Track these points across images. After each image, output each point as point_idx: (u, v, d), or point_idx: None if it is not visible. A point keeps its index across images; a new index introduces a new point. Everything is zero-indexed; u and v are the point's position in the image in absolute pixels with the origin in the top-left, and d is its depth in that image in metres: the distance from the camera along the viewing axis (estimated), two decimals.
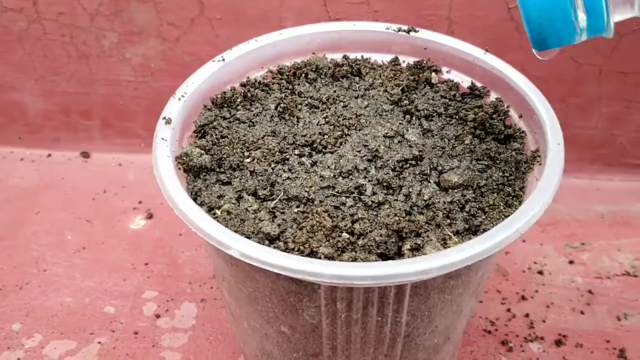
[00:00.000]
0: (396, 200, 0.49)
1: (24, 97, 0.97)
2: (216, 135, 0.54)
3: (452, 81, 0.61)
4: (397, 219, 0.46)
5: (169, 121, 0.52)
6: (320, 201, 0.48)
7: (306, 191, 0.49)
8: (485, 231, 0.45)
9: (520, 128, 0.56)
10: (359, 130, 0.55)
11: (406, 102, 0.58)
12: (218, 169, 0.51)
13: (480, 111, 0.56)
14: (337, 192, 0.49)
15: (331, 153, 0.52)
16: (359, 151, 0.52)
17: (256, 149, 0.52)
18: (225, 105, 0.57)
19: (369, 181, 0.50)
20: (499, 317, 0.74)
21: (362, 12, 0.82)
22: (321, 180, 0.50)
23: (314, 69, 0.61)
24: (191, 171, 0.50)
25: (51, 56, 0.91)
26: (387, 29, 0.63)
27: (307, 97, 0.59)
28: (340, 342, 0.49)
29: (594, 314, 0.75)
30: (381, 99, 0.59)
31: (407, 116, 0.57)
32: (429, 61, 0.61)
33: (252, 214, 0.47)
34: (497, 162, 0.53)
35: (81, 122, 0.98)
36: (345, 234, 0.45)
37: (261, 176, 0.50)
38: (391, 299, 0.45)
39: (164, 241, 0.85)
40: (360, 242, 0.45)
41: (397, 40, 0.63)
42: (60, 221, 0.88)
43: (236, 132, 0.54)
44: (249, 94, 0.58)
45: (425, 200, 0.49)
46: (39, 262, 0.82)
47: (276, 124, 0.56)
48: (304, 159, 0.52)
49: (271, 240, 0.45)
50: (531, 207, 0.44)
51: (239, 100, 0.57)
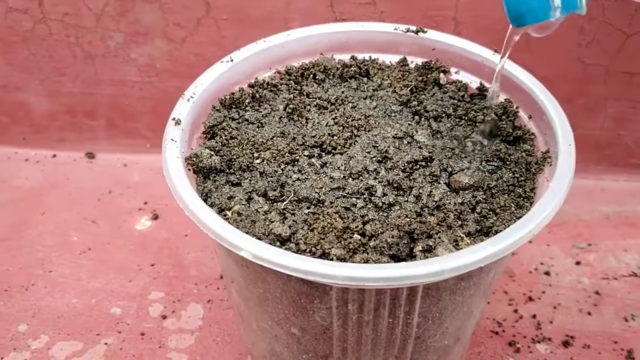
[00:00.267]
0: (407, 201, 0.48)
1: (29, 98, 0.97)
2: (225, 136, 0.53)
3: (460, 82, 0.61)
4: (408, 220, 0.46)
5: (178, 122, 0.52)
6: (331, 202, 0.48)
7: (316, 192, 0.49)
8: (497, 232, 0.45)
9: (530, 129, 0.56)
10: (368, 131, 0.55)
11: (415, 103, 0.58)
12: (228, 170, 0.51)
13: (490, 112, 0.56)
14: (348, 193, 0.49)
15: (341, 154, 0.52)
16: (368, 152, 0.52)
17: (265, 150, 0.52)
18: (234, 106, 0.57)
19: (379, 182, 0.50)
20: (506, 318, 0.74)
21: (369, 12, 0.82)
22: (331, 182, 0.50)
23: (322, 70, 0.61)
24: (201, 172, 0.50)
25: (56, 56, 0.91)
26: (395, 29, 0.62)
27: (315, 98, 0.59)
28: (350, 344, 0.49)
29: (601, 314, 0.75)
30: (390, 99, 0.58)
31: (416, 117, 0.57)
32: (438, 62, 0.61)
33: (263, 215, 0.47)
34: (507, 163, 0.53)
35: (86, 122, 0.98)
36: (356, 236, 0.45)
37: (271, 177, 0.50)
38: (403, 300, 0.45)
39: (170, 242, 0.85)
40: (372, 243, 0.45)
41: (405, 40, 0.62)
42: (65, 222, 0.88)
43: (245, 133, 0.54)
44: (258, 95, 0.58)
45: (435, 202, 0.49)
46: (45, 263, 0.82)
47: (285, 125, 0.55)
48: (313, 160, 0.52)
49: (282, 241, 0.45)
50: (543, 209, 0.44)
51: (247, 101, 0.57)
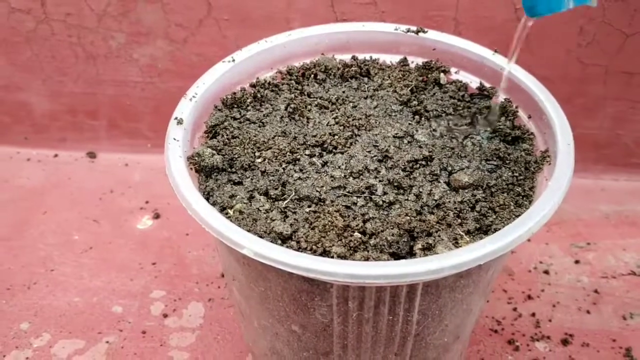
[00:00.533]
0: (407, 200, 0.49)
1: (30, 98, 0.97)
2: (227, 135, 0.54)
3: (460, 82, 0.61)
4: (408, 218, 0.46)
5: (180, 121, 0.52)
6: (332, 201, 0.48)
7: (317, 191, 0.49)
8: (496, 231, 0.45)
9: (529, 129, 0.56)
10: (369, 130, 0.55)
11: (415, 102, 0.58)
12: (229, 169, 0.51)
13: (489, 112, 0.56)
14: (348, 192, 0.49)
15: (341, 153, 0.53)
16: (369, 151, 0.53)
17: (267, 149, 0.53)
18: (236, 106, 0.58)
19: (380, 181, 0.50)
20: (505, 316, 0.75)
21: (369, 12, 0.83)
22: (332, 180, 0.50)
23: (323, 70, 0.61)
24: (203, 171, 0.51)
25: (59, 57, 0.92)
26: (396, 29, 0.63)
27: (316, 98, 0.59)
28: (351, 341, 0.50)
29: (600, 313, 0.75)
30: (390, 99, 0.59)
31: (417, 117, 0.57)
32: (438, 62, 0.62)
33: (264, 213, 0.48)
34: (507, 162, 0.53)
35: (88, 122, 0.99)
36: (357, 234, 0.45)
37: (272, 176, 0.51)
38: (403, 298, 0.45)
39: (171, 241, 0.85)
40: (372, 241, 0.45)
41: (405, 40, 0.63)
42: (67, 221, 0.89)
43: (247, 132, 0.54)
44: (259, 95, 0.58)
45: (435, 200, 0.49)
46: (47, 262, 0.82)
47: (286, 125, 0.56)
48: (314, 159, 0.52)
49: (283, 239, 0.45)
50: (542, 207, 0.44)
51: (249, 100, 0.58)
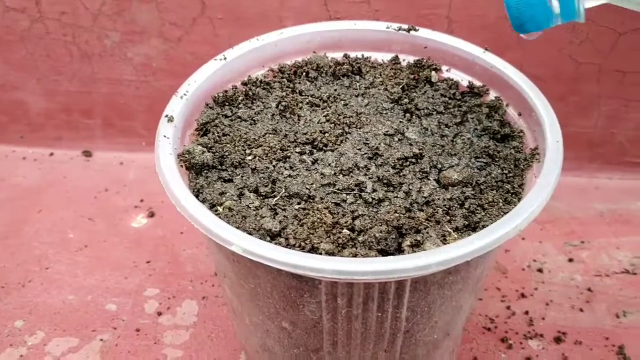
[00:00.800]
0: (396, 197, 0.49)
1: (26, 96, 0.97)
2: (218, 133, 0.54)
3: (451, 80, 0.61)
4: (397, 215, 0.47)
5: (171, 119, 0.52)
6: (321, 198, 0.49)
7: (307, 188, 0.49)
8: (484, 227, 0.45)
9: (519, 126, 0.56)
10: (360, 128, 0.55)
11: (406, 100, 0.58)
12: (220, 167, 0.52)
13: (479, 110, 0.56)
14: (338, 189, 0.49)
15: (332, 151, 0.53)
16: (359, 149, 0.53)
17: (257, 147, 0.53)
18: (227, 104, 0.58)
19: (370, 178, 0.50)
20: (498, 314, 0.75)
21: (363, 11, 0.83)
22: (322, 178, 0.50)
23: (314, 68, 0.62)
24: (193, 169, 0.51)
25: (53, 55, 0.92)
26: (388, 28, 0.63)
27: (308, 96, 0.59)
28: (340, 338, 0.50)
29: (593, 311, 0.75)
30: (381, 97, 0.59)
31: (407, 114, 0.57)
32: (429, 60, 0.62)
33: (254, 210, 0.48)
34: (496, 159, 0.53)
35: (83, 121, 0.99)
36: (345, 231, 0.46)
37: (262, 173, 0.51)
38: (391, 294, 0.46)
39: (165, 239, 0.85)
40: (361, 238, 0.45)
41: (397, 39, 0.63)
42: (62, 219, 0.89)
43: (238, 130, 0.55)
44: (250, 93, 0.58)
45: (425, 197, 0.49)
46: (42, 260, 0.83)
47: (277, 122, 0.56)
48: (305, 156, 0.52)
49: (272, 236, 0.46)
50: (530, 204, 0.44)
51: (240, 98, 0.58)
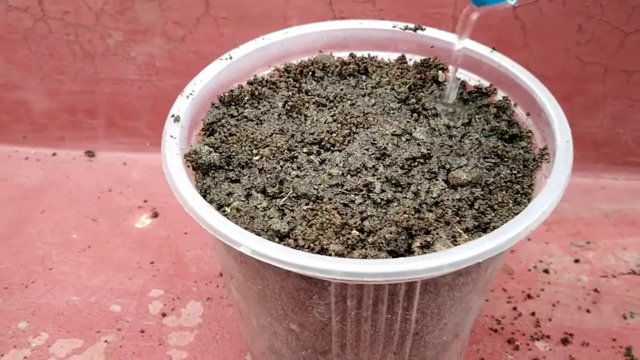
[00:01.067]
0: (405, 197, 0.49)
1: (28, 96, 0.97)
2: (224, 133, 0.54)
3: (459, 79, 0.61)
4: (407, 216, 0.46)
5: (177, 119, 0.52)
6: (329, 199, 0.48)
7: (315, 189, 0.49)
8: (495, 228, 0.45)
9: (528, 126, 0.56)
10: (367, 128, 0.55)
11: (413, 100, 0.58)
12: (227, 167, 0.51)
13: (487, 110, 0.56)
14: (346, 189, 0.49)
15: (339, 151, 0.52)
16: (367, 149, 0.52)
17: (264, 147, 0.52)
18: (233, 103, 0.57)
19: (378, 179, 0.50)
20: (505, 315, 0.74)
21: (367, 10, 0.82)
22: (330, 178, 0.50)
23: (320, 67, 0.61)
24: (200, 169, 0.50)
25: (56, 55, 0.91)
26: (394, 27, 0.63)
27: (314, 95, 0.59)
28: (349, 340, 0.49)
29: (600, 312, 0.75)
30: (388, 97, 0.59)
31: (415, 114, 0.57)
32: (436, 59, 0.61)
33: (262, 211, 0.47)
34: (505, 160, 0.53)
35: (86, 121, 0.99)
36: (355, 231, 0.45)
37: (270, 174, 0.50)
38: (401, 296, 0.45)
39: (169, 240, 0.85)
40: (370, 239, 0.45)
41: (403, 38, 0.63)
42: (65, 220, 0.88)
43: (244, 130, 0.54)
44: (257, 92, 0.58)
45: (434, 198, 0.49)
46: (45, 260, 0.82)
47: (284, 122, 0.56)
48: (312, 157, 0.52)
49: (281, 237, 0.45)
50: (541, 205, 0.44)
51: (246, 98, 0.58)
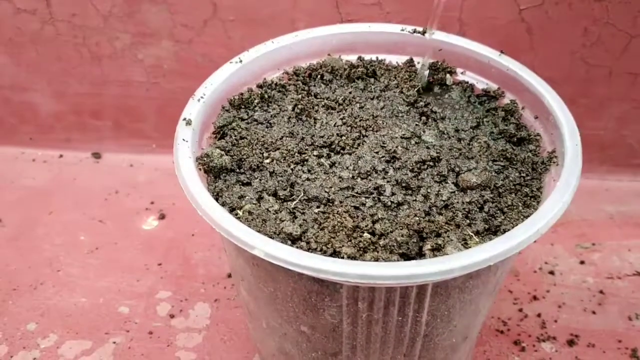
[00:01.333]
0: (415, 200, 0.49)
1: (35, 98, 0.97)
2: (235, 136, 0.54)
3: (467, 82, 0.61)
4: (417, 219, 0.47)
5: (189, 122, 0.52)
6: (340, 202, 0.49)
7: (326, 192, 0.49)
8: (505, 231, 0.45)
9: (536, 129, 0.56)
10: (376, 131, 0.55)
11: (422, 103, 0.58)
12: (238, 170, 0.52)
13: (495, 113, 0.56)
14: (357, 192, 0.49)
15: (349, 154, 0.53)
16: (376, 152, 0.53)
17: (275, 150, 0.53)
18: (243, 107, 0.58)
19: (388, 182, 0.50)
20: (511, 317, 0.75)
21: (374, 13, 0.83)
22: (340, 181, 0.50)
23: (329, 70, 0.62)
24: (212, 172, 0.51)
25: (64, 57, 0.92)
26: (402, 30, 0.63)
27: (323, 99, 0.59)
28: (360, 342, 0.50)
29: (605, 314, 0.75)
30: (397, 100, 0.59)
31: (423, 117, 0.57)
32: (444, 62, 0.62)
33: (273, 214, 0.48)
34: (514, 163, 0.53)
35: (93, 122, 0.99)
36: (366, 234, 0.46)
37: (281, 177, 0.51)
38: (412, 298, 0.45)
39: (177, 241, 0.85)
40: (382, 242, 0.45)
41: (412, 41, 0.63)
42: (73, 221, 0.89)
43: (255, 133, 0.55)
44: (266, 95, 0.58)
45: (444, 201, 0.49)
46: (53, 262, 0.83)
47: (294, 125, 0.56)
48: (322, 159, 0.52)
49: (293, 240, 0.46)
50: (551, 208, 0.45)
51: (256, 101, 0.58)
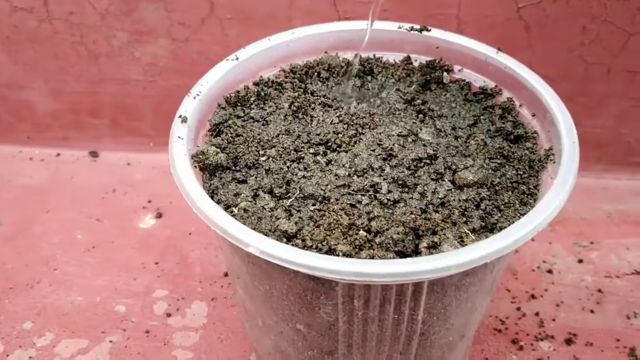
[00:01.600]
0: (411, 198, 0.49)
1: (33, 96, 0.97)
2: (231, 133, 0.54)
3: (464, 80, 0.61)
4: (413, 216, 0.46)
5: (184, 120, 0.52)
6: (336, 199, 0.48)
7: (322, 189, 0.49)
8: (501, 229, 0.45)
9: (533, 127, 0.56)
10: (373, 129, 0.55)
11: (419, 101, 0.58)
12: (234, 168, 0.51)
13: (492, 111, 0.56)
14: (353, 190, 0.49)
15: (346, 152, 0.53)
16: (373, 150, 0.52)
17: (271, 148, 0.53)
18: (239, 104, 0.57)
19: (384, 179, 0.50)
20: (509, 315, 0.74)
21: None
22: (336, 179, 0.50)
23: (326, 68, 0.61)
24: (207, 169, 0.51)
25: (61, 55, 0.92)
26: (400, 28, 0.63)
27: (320, 96, 0.59)
28: (356, 340, 0.50)
29: (603, 312, 0.75)
30: (394, 98, 0.59)
31: (420, 115, 0.57)
32: (442, 61, 0.61)
33: (269, 212, 0.47)
34: (511, 160, 0.53)
35: (90, 121, 0.99)
36: (362, 232, 0.45)
37: (277, 174, 0.50)
38: (408, 296, 0.45)
39: (173, 240, 0.85)
40: (378, 239, 0.45)
41: (409, 39, 0.63)
42: (70, 220, 0.89)
43: (251, 130, 0.54)
44: (262, 93, 0.58)
45: (440, 199, 0.49)
46: (50, 260, 0.82)
47: (290, 123, 0.56)
48: (318, 157, 0.52)
49: (289, 238, 0.45)
50: (548, 205, 0.44)
51: (252, 99, 0.58)
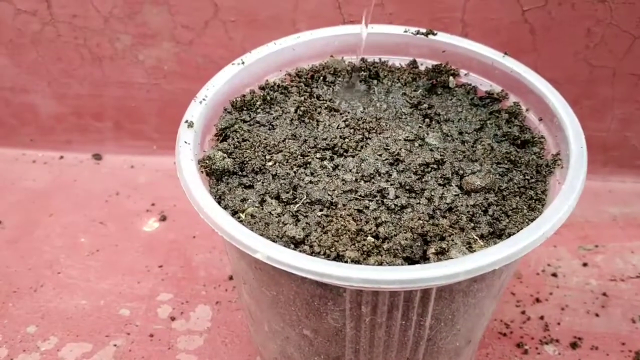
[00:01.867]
0: (419, 203, 0.49)
1: (36, 99, 0.97)
2: (237, 138, 0.54)
3: (470, 84, 0.61)
4: (421, 222, 0.46)
5: (191, 124, 0.52)
6: (344, 205, 0.48)
7: (329, 195, 0.49)
8: (510, 235, 0.45)
9: (540, 132, 0.56)
10: (380, 133, 0.55)
11: (425, 105, 0.58)
12: (240, 173, 0.51)
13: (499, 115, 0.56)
14: (360, 195, 0.49)
15: (352, 157, 0.52)
16: (380, 155, 0.52)
17: (277, 153, 0.52)
18: (245, 109, 0.57)
19: (391, 185, 0.50)
20: (513, 319, 0.74)
21: (376, 14, 0.82)
22: (343, 184, 0.50)
23: (332, 72, 0.61)
24: (214, 174, 0.50)
25: (65, 58, 0.91)
26: (405, 31, 0.63)
27: (326, 100, 0.59)
28: (363, 346, 0.49)
29: (608, 316, 0.75)
30: (400, 102, 0.59)
31: (427, 120, 0.57)
32: (448, 65, 0.61)
33: (276, 217, 0.47)
34: (518, 165, 0.53)
35: (93, 124, 0.99)
36: (370, 238, 0.45)
37: (283, 180, 0.50)
38: (416, 302, 0.45)
39: (178, 243, 0.85)
40: (386, 245, 0.45)
41: (415, 43, 0.63)
42: (73, 223, 0.88)
43: (257, 135, 0.54)
44: (268, 97, 0.58)
45: (447, 204, 0.49)
46: (53, 264, 0.82)
47: (296, 127, 0.56)
48: (325, 162, 0.52)
49: (296, 243, 0.45)
50: (556, 211, 0.44)
51: (258, 103, 0.58)
